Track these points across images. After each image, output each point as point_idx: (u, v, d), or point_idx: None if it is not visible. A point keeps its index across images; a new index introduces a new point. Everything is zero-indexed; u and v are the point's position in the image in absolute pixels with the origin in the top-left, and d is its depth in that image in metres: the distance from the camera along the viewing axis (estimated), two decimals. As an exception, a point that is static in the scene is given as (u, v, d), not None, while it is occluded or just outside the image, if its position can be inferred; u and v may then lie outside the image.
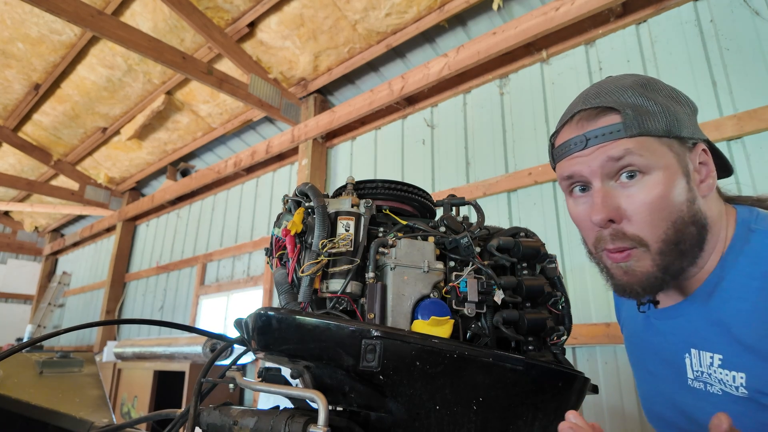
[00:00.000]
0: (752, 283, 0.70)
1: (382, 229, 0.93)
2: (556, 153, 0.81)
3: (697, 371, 0.79)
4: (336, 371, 0.78)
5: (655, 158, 0.70)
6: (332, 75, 3.89)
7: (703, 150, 0.76)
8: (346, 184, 0.99)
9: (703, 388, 0.79)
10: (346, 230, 0.88)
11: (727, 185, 0.88)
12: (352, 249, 0.87)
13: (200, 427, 0.86)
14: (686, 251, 0.72)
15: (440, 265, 0.88)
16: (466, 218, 0.98)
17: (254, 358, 3.10)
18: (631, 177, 0.72)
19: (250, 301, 4.63)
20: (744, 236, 0.75)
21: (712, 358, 0.75)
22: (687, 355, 0.80)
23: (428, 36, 3.37)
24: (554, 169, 0.84)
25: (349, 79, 3.97)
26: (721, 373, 0.74)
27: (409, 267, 0.86)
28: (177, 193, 5.57)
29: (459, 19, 3.17)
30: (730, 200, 0.83)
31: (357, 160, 3.97)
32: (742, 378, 0.70)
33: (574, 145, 0.75)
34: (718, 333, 0.74)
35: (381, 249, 0.87)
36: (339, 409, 0.84)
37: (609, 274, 0.78)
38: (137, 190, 6.78)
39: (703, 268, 0.76)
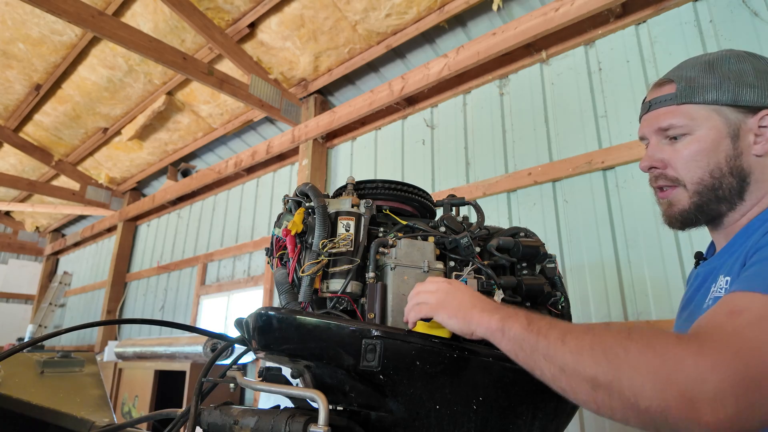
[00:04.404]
0: None
1: (382, 229, 0.94)
2: (641, 111, 0.98)
3: (712, 297, 0.82)
4: (336, 371, 0.78)
5: (697, 123, 0.85)
6: (332, 75, 3.89)
7: None
8: (347, 184, 0.99)
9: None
10: (347, 230, 0.89)
11: None
12: (352, 249, 0.87)
13: (201, 427, 0.86)
14: (724, 197, 0.85)
15: (440, 265, 0.89)
16: (466, 218, 0.99)
17: (255, 357, 3.10)
18: (676, 137, 0.87)
19: (250, 301, 4.63)
20: None
21: (726, 279, 0.80)
22: (713, 285, 0.84)
23: (428, 37, 3.37)
24: None
25: (349, 79, 3.97)
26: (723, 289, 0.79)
27: (409, 267, 0.86)
28: (178, 193, 5.58)
29: (459, 20, 3.18)
30: None
31: (357, 160, 3.97)
32: (727, 280, 0.79)
33: (643, 109, 0.94)
34: (735, 258, 0.79)
35: (381, 249, 0.87)
36: (339, 408, 0.85)
37: (660, 208, 0.94)
38: (138, 190, 6.79)
39: (745, 215, 0.85)
